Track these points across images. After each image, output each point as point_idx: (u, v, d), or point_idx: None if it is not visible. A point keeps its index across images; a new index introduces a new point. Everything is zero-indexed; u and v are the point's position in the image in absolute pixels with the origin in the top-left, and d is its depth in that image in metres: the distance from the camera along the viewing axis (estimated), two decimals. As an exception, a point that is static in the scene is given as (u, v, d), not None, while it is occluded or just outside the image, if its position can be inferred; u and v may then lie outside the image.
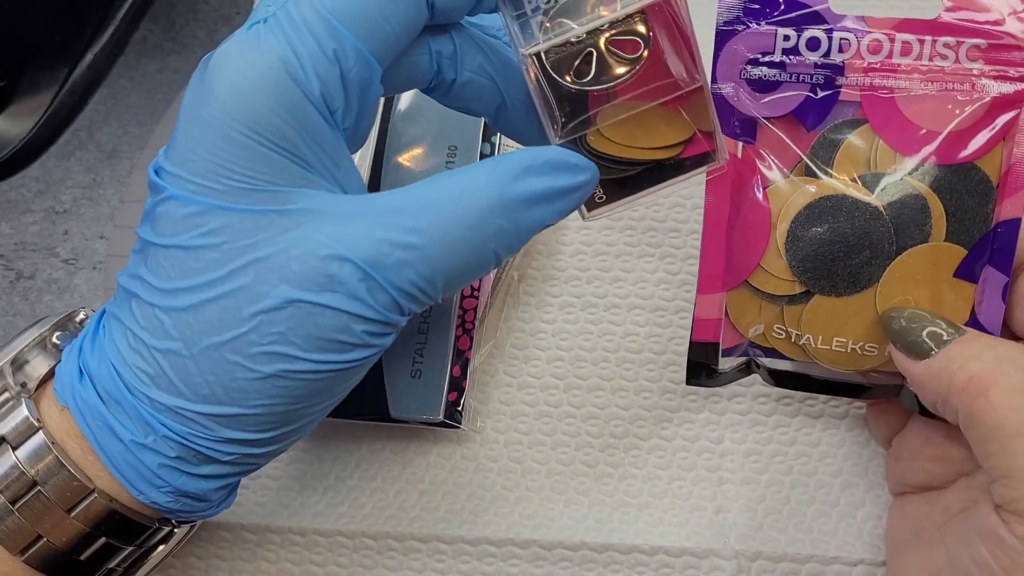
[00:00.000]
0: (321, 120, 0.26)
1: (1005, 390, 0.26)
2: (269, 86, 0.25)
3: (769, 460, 0.37)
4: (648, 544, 0.36)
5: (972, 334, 0.29)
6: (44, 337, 0.30)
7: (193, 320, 0.26)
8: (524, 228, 0.27)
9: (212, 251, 0.26)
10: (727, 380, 0.35)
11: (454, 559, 0.36)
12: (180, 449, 0.27)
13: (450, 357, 0.36)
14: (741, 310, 0.33)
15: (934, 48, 0.29)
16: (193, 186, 0.26)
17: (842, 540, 0.35)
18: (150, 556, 0.30)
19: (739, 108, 0.31)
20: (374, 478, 0.38)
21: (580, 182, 0.28)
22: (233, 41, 0.26)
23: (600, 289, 0.39)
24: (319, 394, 0.28)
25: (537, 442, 0.38)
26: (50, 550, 0.28)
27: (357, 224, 0.26)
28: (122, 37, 0.47)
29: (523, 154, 0.27)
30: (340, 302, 0.26)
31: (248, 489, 0.38)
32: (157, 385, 0.27)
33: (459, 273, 0.27)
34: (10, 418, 0.28)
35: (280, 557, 0.37)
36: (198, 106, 0.26)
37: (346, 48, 0.26)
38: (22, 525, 0.27)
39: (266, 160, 0.26)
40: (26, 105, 0.45)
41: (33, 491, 0.27)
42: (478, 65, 0.29)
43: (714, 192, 0.32)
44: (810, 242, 0.31)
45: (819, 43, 0.30)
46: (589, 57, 0.27)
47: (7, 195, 0.45)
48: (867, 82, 0.30)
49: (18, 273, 0.43)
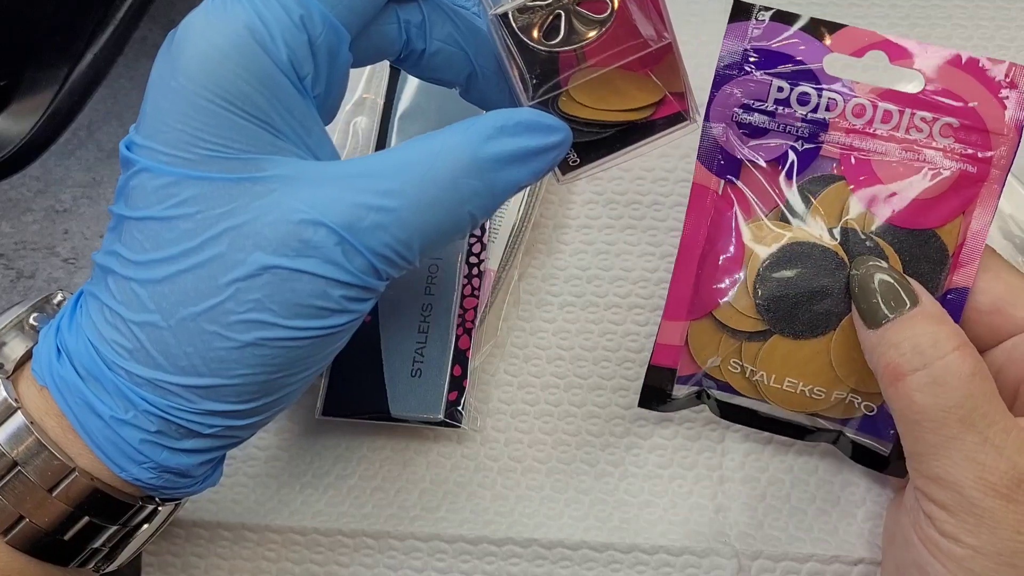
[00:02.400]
0: (290, 86, 0.26)
1: (911, 384, 0.28)
2: (236, 53, 0.25)
3: (769, 459, 0.37)
4: (649, 543, 0.36)
5: (912, 315, 0.30)
6: (21, 319, 0.30)
7: (169, 291, 0.26)
8: (499, 189, 0.27)
9: (186, 221, 0.26)
10: (678, 407, 0.36)
11: (455, 558, 0.36)
12: (161, 423, 0.27)
13: (450, 356, 0.36)
14: (702, 341, 0.34)
15: (912, 120, 0.31)
16: (165, 157, 0.26)
17: (842, 539, 0.35)
18: (135, 535, 0.30)
19: (726, 148, 0.33)
20: (375, 477, 0.38)
21: (553, 142, 0.28)
22: (199, 11, 0.26)
23: (601, 288, 0.39)
24: (299, 362, 0.27)
25: (538, 441, 0.38)
26: (33, 531, 0.27)
27: (331, 188, 0.26)
28: (122, 36, 0.47)
29: (496, 115, 0.27)
30: (316, 267, 0.26)
31: (248, 488, 0.38)
32: (135, 359, 0.27)
33: (435, 235, 0.27)
34: None
35: (281, 556, 0.37)
36: (166, 77, 0.26)
37: (313, 14, 0.26)
38: (4, 506, 0.27)
39: (236, 128, 0.26)
40: (26, 104, 0.45)
41: (13, 471, 0.27)
42: (447, 34, 0.29)
43: (692, 222, 0.33)
44: (777, 284, 0.32)
45: (809, 99, 0.32)
46: (557, 19, 0.27)
47: (7, 194, 0.45)
48: (848, 142, 0.32)
49: (18, 272, 0.43)
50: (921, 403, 0.28)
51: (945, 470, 0.28)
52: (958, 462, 0.28)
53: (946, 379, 0.28)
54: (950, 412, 0.28)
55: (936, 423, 0.28)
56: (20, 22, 0.45)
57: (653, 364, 0.34)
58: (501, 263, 0.39)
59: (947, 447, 0.28)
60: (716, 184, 0.33)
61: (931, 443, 0.28)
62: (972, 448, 0.28)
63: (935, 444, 0.28)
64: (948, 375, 0.28)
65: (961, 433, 0.28)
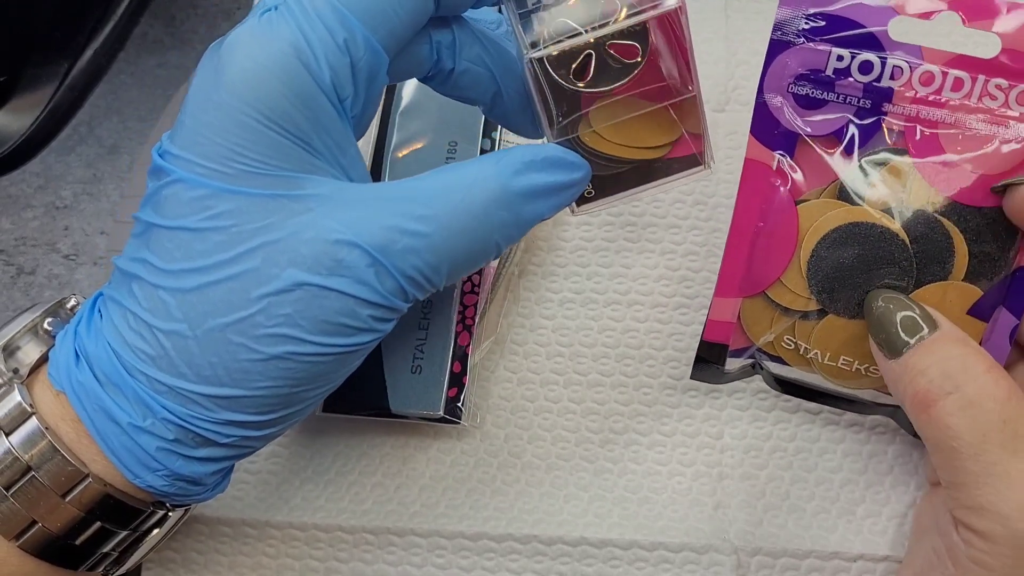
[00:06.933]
0: (331, 108, 0.27)
1: (944, 409, 0.27)
2: (281, 72, 0.26)
3: (769, 456, 0.37)
4: (648, 539, 0.36)
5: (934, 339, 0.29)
6: (35, 323, 0.30)
7: (198, 301, 0.26)
8: (524, 220, 0.28)
9: (220, 233, 0.26)
10: (731, 379, 0.35)
11: (454, 554, 0.36)
12: (179, 431, 0.27)
13: (450, 353, 0.36)
14: (754, 318, 0.33)
15: (985, 88, 0.29)
16: (202, 169, 0.26)
17: (841, 536, 0.35)
18: (145, 540, 0.31)
19: (782, 121, 0.31)
20: (374, 473, 0.38)
21: (576, 179, 0.29)
22: (245, 27, 0.27)
23: (600, 285, 0.39)
24: (319, 377, 0.28)
25: (537, 437, 0.38)
26: (45, 535, 0.28)
27: (366, 210, 0.27)
28: (122, 33, 0.47)
29: (525, 150, 0.28)
30: (348, 286, 0.26)
31: (249, 484, 0.38)
32: (158, 366, 0.27)
33: (462, 261, 0.28)
34: (2, 404, 0.28)
35: (280, 552, 0.37)
36: (209, 90, 0.26)
37: (356, 38, 0.26)
38: (17, 511, 0.27)
39: (276, 145, 0.26)
40: (26, 100, 0.45)
41: (27, 476, 0.27)
42: (475, 55, 0.30)
43: (745, 199, 0.32)
44: (832, 264, 0.31)
45: (871, 67, 0.30)
46: (588, 59, 0.28)
47: (7, 191, 0.45)
48: (913, 113, 0.30)
49: (19, 268, 0.43)
50: (957, 428, 0.27)
51: (988, 500, 0.27)
52: (1003, 490, 0.27)
53: (982, 401, 0.27)
54: (989, 437, 0.27)
55: (975, 449, 0.27)
56: (21, 18, 0.45)
57: (706, 339, 0.34)
58: (501, 260, 0.39)
59: (990, 475, 0.27)
60: (770, 159, 0.31)
61: (972, 471, 0.27)
62: (1018, 475, 0.27)
63: (976, 472, 0.27)
64: (983, 397, 0.27)
65: (1004, 459, 0.27)
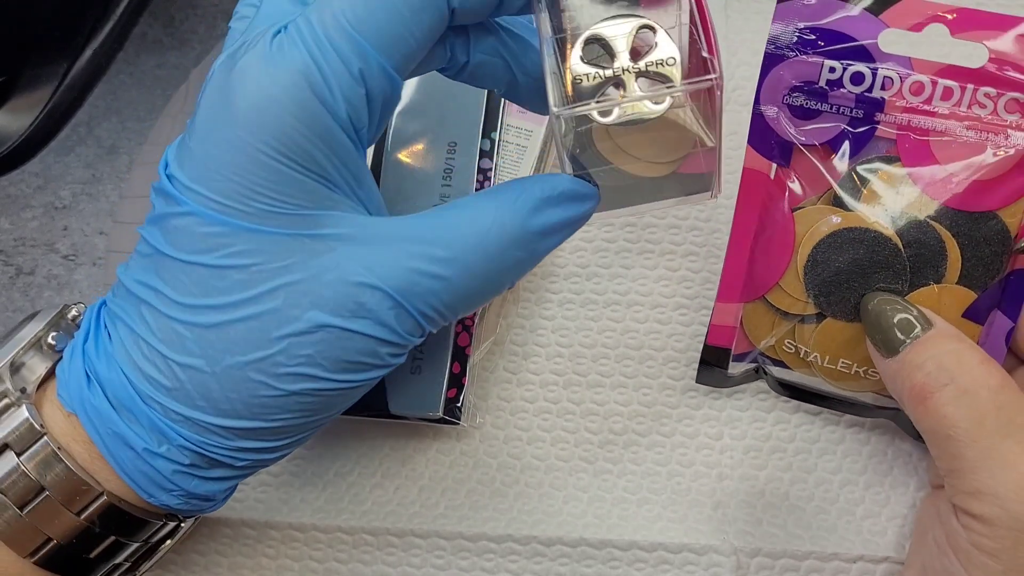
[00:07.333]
0: (347, 140, 0.26)
1: (941, 400, 0.28)
2: (294, 105, 0.25)
3: (768, 456, 0.37)
4: (647, 540, 0.36)
5: (929, 336, 0.30)
6: (39, 338, 0.29)
7: (216, 339, 0.26)
8: (538, 255, 0.28)
9: (239, 272, 0.26)
10: (735, 383, 0.36)
11: (453, 555, 0.36)
12: (194, 457, 0.27)
13: (449, 353, 0.36)
14: (755, 322, 0.34)
15: (974, 96, 0.30)
16: (217, 205, 0.25)
17: (841, 537, 0.35)
18: (157, 550, 0.31)
19: (777, 131, 0.32)
20: (374, 474, 0.38)
21: (589, 209, 0.28)
22: (255, 56, 0.25)
23: (600, 286, 0.39)
24: (335, 406, 0.28)
25: (536, 438, 0.38)
26: (59, 551, 0.28)
27: (387, 251, 0.26)
28: (121, 32, 0.47)
29: (542, 185, 0.27)
30: (369, 328, 0.26)
31: (249, 486, 0.38)
32: (174, 397, 0.26)
33: (476, 299, 0.28)
34: (12, 423, 0.27)
35: (280, 553, 0.37)
36: (219, 122, 0.25)
37: (371, 67, 0.25)
38: (31, 529, 0.27)
39: (294, 182, 0.25)
40: (25, 100, 0.45)
41: (41, 496, 0.27)
42: (490, 46, 0.29)
43: (744, 208, 0.33)
44: (829, 268, 0.32)
45: (863, 78, 0.31)
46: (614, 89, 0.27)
47: (6, 191, 0.45)
48: (905, 121, 0.31)
49: (18, 269, 0.43)
50: (953, 416, 0.28)
51: (985, 483, 0.28)
52: (998, 473, 0.27)
53: (976, 390, 0.28)
54: (984, 424, 0.28)
55: (971, 435, 0.28)
56: (19, 18, 0.45)
57: (709, 344, 0.34)
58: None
59: (986, 459, 0.28)
60: (767, 168, 0.32)
61: (969, 457, 0.28)
62: (1013, 457, 0.27)
63: (973, 458, 0.28)
64: (977, 386, 0.28)
65: (999, 443, 0.28)
